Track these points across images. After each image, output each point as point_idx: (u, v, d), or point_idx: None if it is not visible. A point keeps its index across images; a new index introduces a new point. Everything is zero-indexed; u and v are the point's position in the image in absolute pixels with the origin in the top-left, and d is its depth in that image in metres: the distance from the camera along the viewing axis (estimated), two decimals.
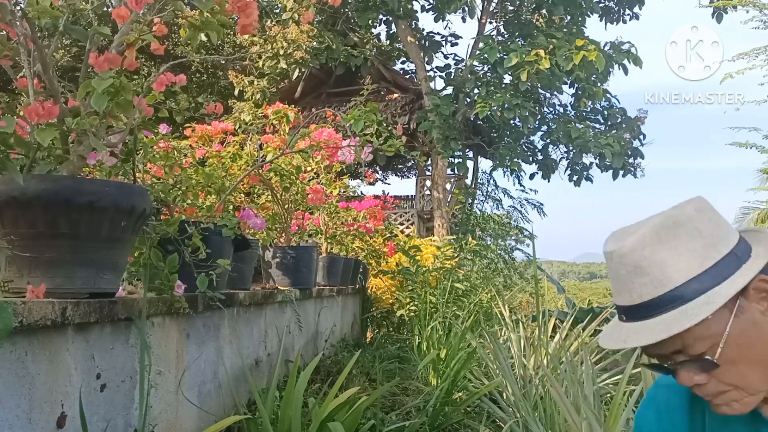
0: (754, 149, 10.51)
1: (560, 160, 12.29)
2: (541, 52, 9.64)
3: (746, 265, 0.89)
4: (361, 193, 8.03)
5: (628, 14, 12.53)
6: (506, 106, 10.02)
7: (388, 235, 6.22)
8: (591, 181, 12.16)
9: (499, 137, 11.88)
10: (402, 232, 10.12)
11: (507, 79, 10.72)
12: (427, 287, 5.61)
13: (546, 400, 2.70)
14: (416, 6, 11.61)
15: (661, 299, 0.89)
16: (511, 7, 12.11)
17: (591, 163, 11.82)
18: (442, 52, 12.66)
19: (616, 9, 12.40)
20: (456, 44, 13.29)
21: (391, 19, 11.87)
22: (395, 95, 12.10)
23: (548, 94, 12.38)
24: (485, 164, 15.12)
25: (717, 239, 0.90)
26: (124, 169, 1.95)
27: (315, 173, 3.91)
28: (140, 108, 1.67)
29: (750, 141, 10.42)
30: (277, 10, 11.69)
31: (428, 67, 12.19)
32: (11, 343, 1.28)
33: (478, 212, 12.61)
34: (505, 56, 9.97)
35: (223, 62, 12.24)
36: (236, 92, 11.34)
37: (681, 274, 0.89)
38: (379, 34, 13.07)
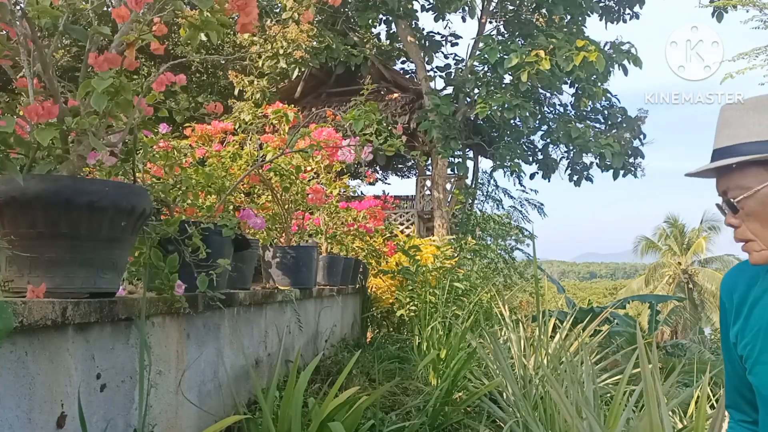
0: None
1: (560, 159, 12.29)
2: (542, 53, 9.64)
3: None
4: (361, 193, 8.03)
5: (629, 14, 12.53)
6: (506, 106, 10.02)
7: (388, 235, 6.22)
8: (591, 180, 12.16)
9: (500, 137, 11.88)
10: (402, 232, 10.11)
11: (507, 79, 10.72)
12: (427, 287, 5.61)
13: (546, 400, 2.70)
14: (416, 6, 11.61)
15: (728, 149, 1.12)
16: (511, 7, 12.10)
17: (591, 163, 11.83)
18: (442, 52, 12.67)
19: (616, 8, 12.40)
20: (456, 44, 13.31)
21: (391, 18, 11.86)
22: (395, 95, 12.09)
23: (548, 94, 12.38)
24: (485, 164, 15.14)
25: None
26: (124, 168, 1.95)
27: (315, 173, 3.91)
28: (140, 108, 1.67)
29: None
30: (277, 10, 11.69)
31: (428, 67, 12.19)
32: (11, 343, 1.28)
33: (478, 212, 12.61)
34: (505, 56, 9.97)
35: (223, 62, 12.24)
36: (236, 92, 11.34)
37: (751, 135, 1.10)
38: (379, 33, 13.08)
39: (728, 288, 1.27)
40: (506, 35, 11.98)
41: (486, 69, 10.94)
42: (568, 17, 11.47)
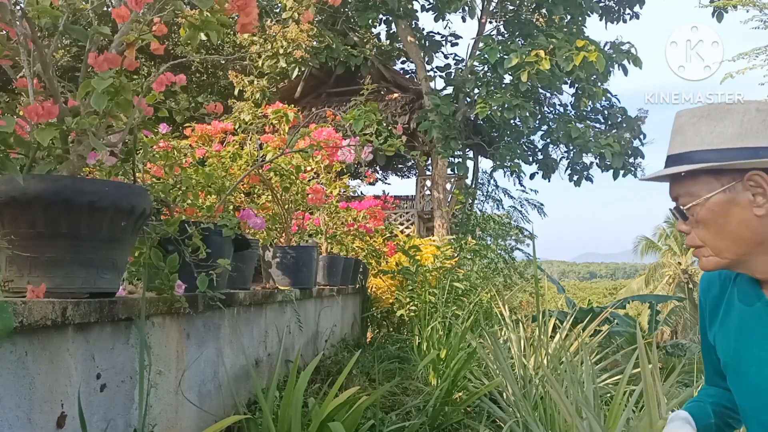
0: None
1: (560, 159, 12.29)
2: (542, 53, 9.64)
3: (756, 161, 1.06)
4: (361, 193, 8.03)
5: (629, 14, 12.53)
6: (506, 106, 10.02)
7: (388, 235, 6.22)
8: (591, 180, 12.16)
9: (500, 137, 11.88)
10: (402, 232, 10.11)
11: (507, 79, 10.71)
12: (426, 287, 5.61)
13: (546, 400, 2.70)
14: (416, 5, 11.60)
15: (680, 155, 1.13)
16: (511, 7, 12.10)
17: (591, 163, 11.83)
18: (442, 52, 12.67)
19: (616, 8, 12.40)
20: (456, 44, 13.31)
21: (391, 18, 11.86)
22: (395, 95, 12.09)
23: (548, 94, 12.38)
24: (485, 164, 15.13)
25: (751, 134, 1.08)
26: (124, 168, 1.94)
27: (315, 173, 3.90)
28: (140, 108, 1.67)
29: None
30: (277, 10, 11.69)
31: (428, 67, 12.19)
32: (11, 343, 1.28)
33: (479, 212, 12.61)
34: (505, 56, 9.97)
35: (223, 62, 12.24)
36: (236, 92, 11.34)
37: (703, 144, 1.11)
38: (379, 33, 13.07)
39: (704, 288, 1.29)
40: (506, 35, 11.98)
41: (486, 69, 10.94)
42: (568, 17, 11.47)
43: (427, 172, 13.42)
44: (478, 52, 10.97)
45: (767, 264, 1.12)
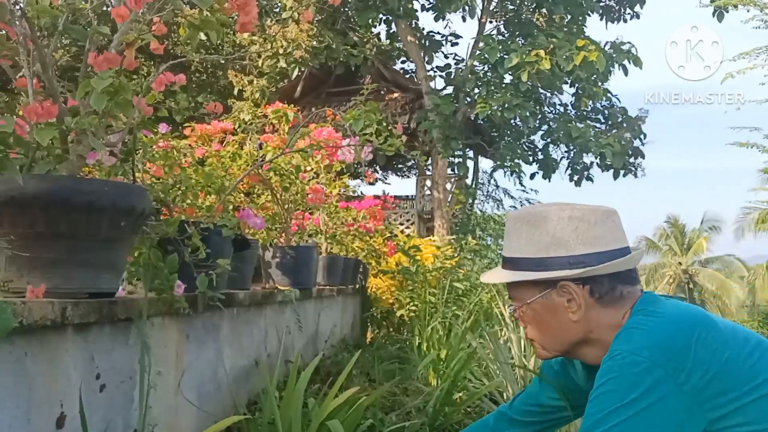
0: (755, 149, 10.51)
1: (561, 159, 12.29)
2: (542, 53, 9.64)
3: (566, 271, 1.16)
4: (361, 193, 8.03)
5: (629, 13, 12.53)
6: (506, 106, 10.02)
7: (388, 235, 6.21)
8: (591, 180, 12.16)
9: (500, 137, 11.88)
10: (402, 232, 10.11)
11: (507, 79, 10.71)
12: (427, 287, 5.61)
13: None
14: (416, 5, 11.60)
15: (507, 259, 1.26)
16: (511, 7, 12.10)
17: (591, 163, 11.83)
18: (443, 52, 12.67)
19: (616, 8, 12.40)
20: (456, 44, 13.30)
21: (391, 18, 11.85)
22: (395, 95, 12.09)
23: (548, 94, 12.38)
24: (486, 164, 15.12)
25: (563, 243, 1.18)
26: (123, 168, 1.94)
27: (315, 173, 3.90)
28: (140, 107, 1.66)
29: (751, 141, 10.42)
30: (277, 9, 11.69)
31: (428, 67, 12.19)
32: (10, 344, 1.28)
33: (479, 212, 12.62)
34: (505, 56, 9.97)
35: (223, 62, 12.24)
36: (236, 92, 11.34)
37: (522, 251, 1.22)
38: (379, 33, 13.06)
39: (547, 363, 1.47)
40: (506, 35, 11.98)
41: (486, 69, 10.94)
42: (569, 17, 11.47)
43: (427, 172, 13.42)
44: (478, 52, 10.97)
45: (593, 353, 1.21)
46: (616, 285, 1.18)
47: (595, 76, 10.49)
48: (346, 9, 11.54)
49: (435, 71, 12.35)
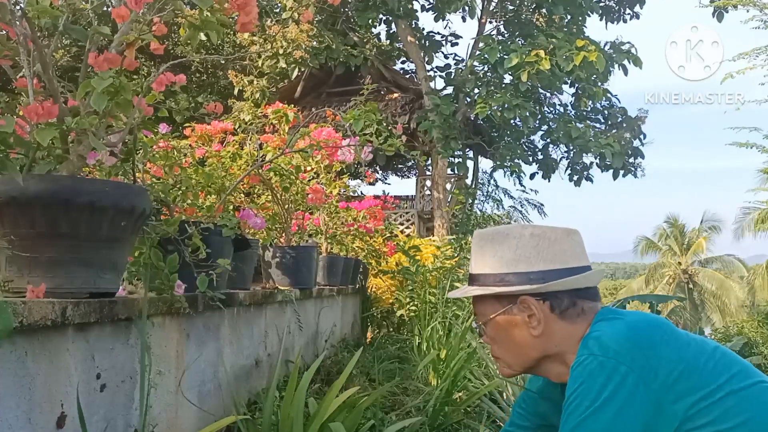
0: (755, 149, 10.51)
1: (560, 159, 12.30)
2: (542, 53, 9.64)
3: (527, 287, 1.19)
4: (361, 193, 8.03)
5: (629, 14, 12.54)
6: (506, 106, 10.02)
7: (388, 235, 6.21)
8: (591, 180, 12.17)
9: (500, 137, 11.88)
10: (402, 232, 10.11)
11: (507, 79, 10.71)
12: (427, 287, 5.61)
13: None
14: (416, 5, 11.61)
15: (473, 275, 1.29)
16: (511, 7, 12.10)
17: (591, 163, 11.84)
18: (442, 52, 12.68)
19: (616, 8, 12.41)
20: (456, 44, 13.30)
21: (391, 18, 11.86)
22: (395, 95, 12.09)
23: (548, 94, 12.38)
24: (485, 164, 15.11)
25: (524, 259, 1.21)
26: (123, 168, 1.94)
27: (315, 173, 3.90)
28: (140, 108, 1.67)
29: (750, 141, 10.41)
30: (277, 10, 11.69)
31: (428, 67, 12.19)
32: (11, 343, 1.28)
33: (479, 212, 12.62)
34: (505, 56, 9.97)
35: (223, 62, 12.24)
36: (236, 92, 11.34)
37: (486, 267, 1.25)
38: (379, 33, 13.07)
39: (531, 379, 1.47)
40: (506, 35, 11.98)
41: (486, 69, 10.94)
42: (568, 17, 11.47)
43: (427, 172, 13.42)
44: (478, 52, 10.97)
45: (555, 369, 1.24)
46: (576, 301, 1.21)
47: (594, 76, 10.49)
48: (346, 9, 11.54)
49: (435, 71, 12.36)
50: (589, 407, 1.06)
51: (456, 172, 11.91)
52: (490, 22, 12.21)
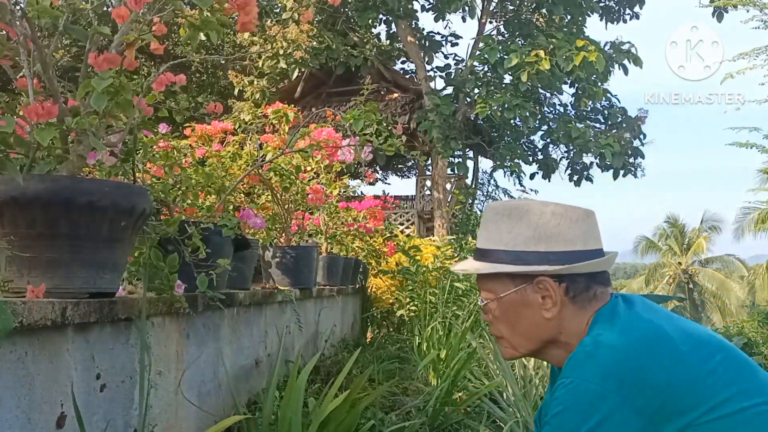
0: (755, 149, 10.49)
1: (560, 159, 12.29)
2: (542, 53, 9.63)
3: (544, 267, 1.14)
4: (361, 193, 8.02)
5: (629, 14, 12.53)
6: (506, 106, 10.01)
7: (388, 235, 6.21)
8: (591, 180, 12.16)
9: (500, 137, 11.87)
10: (402, 232, 10.11)
11: (507, 79, 10.71)
12: (427, 287, 5.61)
13: None
14: (416, 6, 11.60)
15: (483, 251, 1.21)
16: (511, 7, 12.09)
17: (591, 163, 11.83)
18: (442, 52, 12.67)
19: (616, 8, 12.40)
20: (456, 44, 13.28)
21: (391, 18, 11.85)
22: (395, 95, 12.08)
23: (548, 94, 12.38)
24: (485, 164, 15.11)
25: (544, 238, 1.15)
26: (123, 168, 1.94)
27: (315, 173, 3.90)
28: (140, 108, 1.67)
29: (750, 141, 10.40)
30: (277, 10, 11.69)
31: (428, 67, 12.18)
32: (11, 343, 1.28)
33: (479, 212, 12.60)
34: (505, 56, 9.97)
35: (223, 62, 12.24)
36: (236, 92, 11.34)
37: (501, 243, 1.18)
38: (379, 33, 13.05)
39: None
40: (506, 35, 11.97)
41: (486, 69, 10.93)
42: (568, 17, 11.47)
43: (427, 172, 13.41)
44: (478, 52, 10.97)
45: (559, 356, 1.19)
46: (591, 285, 1.17)
47: (594, 76, 10.48)
48: (346, 9, 11.53)
49: (435, 71, 12.36)
50: None
51: (456, 172, 11.90)
52: (490, 22, 12.20)
